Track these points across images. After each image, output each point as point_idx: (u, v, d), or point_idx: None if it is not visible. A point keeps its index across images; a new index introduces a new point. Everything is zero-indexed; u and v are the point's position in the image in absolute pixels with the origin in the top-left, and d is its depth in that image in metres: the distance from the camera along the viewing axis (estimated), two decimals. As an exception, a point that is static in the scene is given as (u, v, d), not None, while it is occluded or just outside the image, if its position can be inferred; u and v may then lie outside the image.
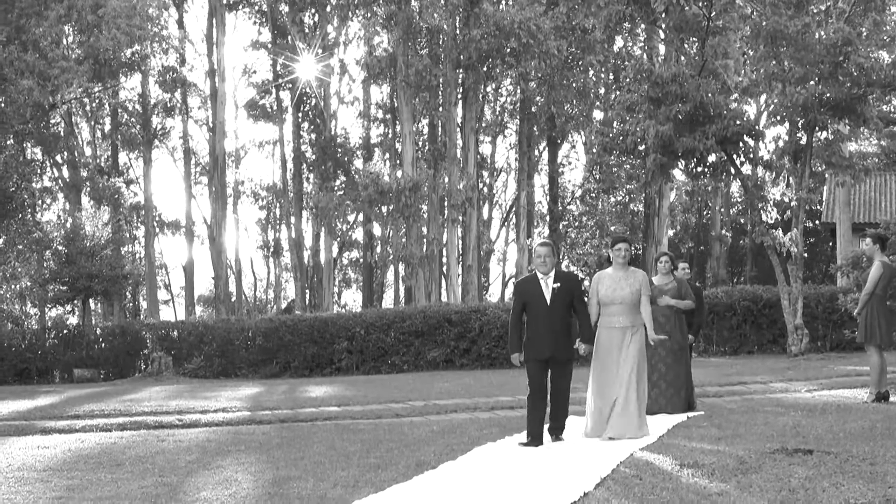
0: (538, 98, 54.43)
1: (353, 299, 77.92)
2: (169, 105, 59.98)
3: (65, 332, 37.23)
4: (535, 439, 11.58)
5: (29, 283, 39.98)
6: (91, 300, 41.92)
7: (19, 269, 36.43)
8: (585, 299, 12.32)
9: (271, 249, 73.75)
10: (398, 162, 52.77)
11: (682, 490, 8.15)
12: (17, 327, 40.79)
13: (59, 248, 38.91)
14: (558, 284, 11.83)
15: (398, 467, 10.26)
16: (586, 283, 12.78)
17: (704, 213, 66.56)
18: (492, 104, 61.80)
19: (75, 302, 40.47)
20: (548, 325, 11.74)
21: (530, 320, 11.91)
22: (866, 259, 15.76)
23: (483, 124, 60.00)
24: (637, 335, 12.28)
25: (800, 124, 28.21)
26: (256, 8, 61.56)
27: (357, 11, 56.03)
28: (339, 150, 60.53)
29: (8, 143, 35.00)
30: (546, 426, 11.87)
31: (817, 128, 27.91)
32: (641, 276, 12.48)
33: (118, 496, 9.18)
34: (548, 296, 11.79)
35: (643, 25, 50.06)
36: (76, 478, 10.49)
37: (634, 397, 12.03)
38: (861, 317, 15.13)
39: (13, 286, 38.78)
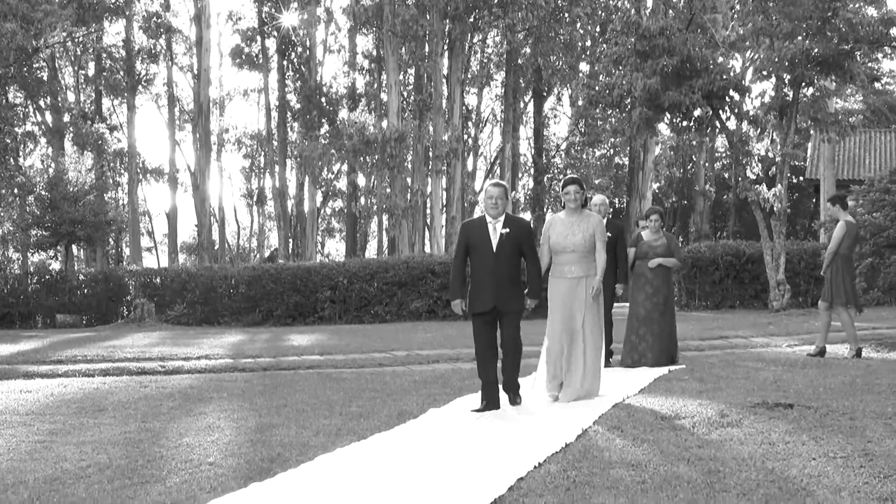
0: (525, 50, 54.31)
1: (336, 249, 78.03)
2: (153, 51, 59.45)
3: (47, 277, 37.14)
4: (489, 404, 10.67)
5: (11, 228, 39.84)
6: (74, 246, 41.79)
7: (2, 214, 36.26)
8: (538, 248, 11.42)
9: (255, 198, 73.61)
10: (383, 112, 52.63)
11: (664, 442, 8.19)
12: (0, 272, 40.62)
13: (42, 193, 38.77)
14: (507, 230, 10.78)
15: (380, 416, 10.29)
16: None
17: (689, 167, 66.66)
18: (478, 55, 61.54)
19: (58, 247, 40.36)
20: (492, 274, 10.73)
21: (474, 268, 10.94)
22: (831, 220, 15.88)
23: (469, 75, 59.81)
24: (589, 287, 11.40)
25: (786, 80, 28.17)
26: (243, -47, 61.16)
27: (344, -42, 55.68)
28: (325, 99, 60.27)
29: (-10, 86, 34.76)
30: (500, 383, 10.97)
31: (804, 83, 27.87)
32: (596, 220, 11.53)
33: (101, 441, 9.19)
34: (494, 241, 10.77)
35: (631, -23, 49.85)
36: (59, 422, 10.50)
37: (581, 353, 11.28)
38: (826, 276, 15.26)
39: (-5, 231, 38.63)
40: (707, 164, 62.08)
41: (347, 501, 6.62)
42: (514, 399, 10.94)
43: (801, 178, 48.88)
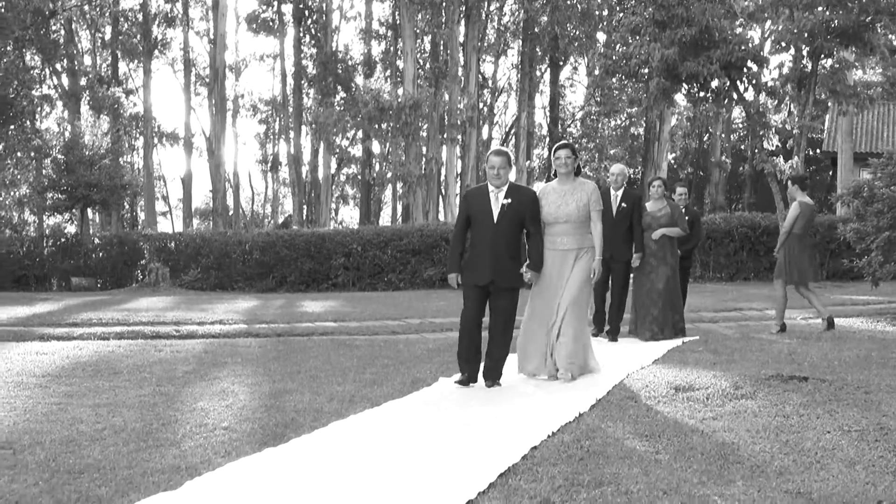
0: (541, 18, 54.07)
1: (350, 216, 78.08)
2: (170, 15, 59.48)
3: (63, 240, 37.22)
4: (470, 377, 10.24)
5: (28, 191, 39.89)
6: (89, 210, 41.87)
7: (18, 177, 36.34)
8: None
9: (269, 164, 73.65)
10: (399, 79, 52.55)
11: (677, 414, 8.19)
12: (16, 234, 40.76)
13: (58, 156, 38.79)
14: (509, 200, 10.22)
15: (394, 384, 10.31)
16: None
17: (705, 138, 66.40)
18: (494, 23, 61.37)
19: (73, 211, 40.44)
20: (491, 246, 10.19)
21: (473, 239, 10.40)
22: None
23: (485, 44, 59.66)
24: (583, 260, 10.72)
25: (805, 51, 28.05)
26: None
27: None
28: (340, 65, 60.19)
29: (8, 49, 34.67)
30: (481, 365, 10.41)
31: (823, 55, 27.75)
32: (591, 188, 10.80)
33: (116, 404, 9.23)
34: (496, 212, 10.21)
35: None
36: (75, 384, 10.55)
37: (570, 332, 10.54)
38: (779, 255, 15.27)
39: (12, 193, 38.66)
40: (723, 136, 61.88)
41: (361, 468, 6.63)
42: (493, 382, 10.29)
43: (819, 151, 48.59)
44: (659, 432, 7.47)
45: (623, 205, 14.62)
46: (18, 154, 34.26)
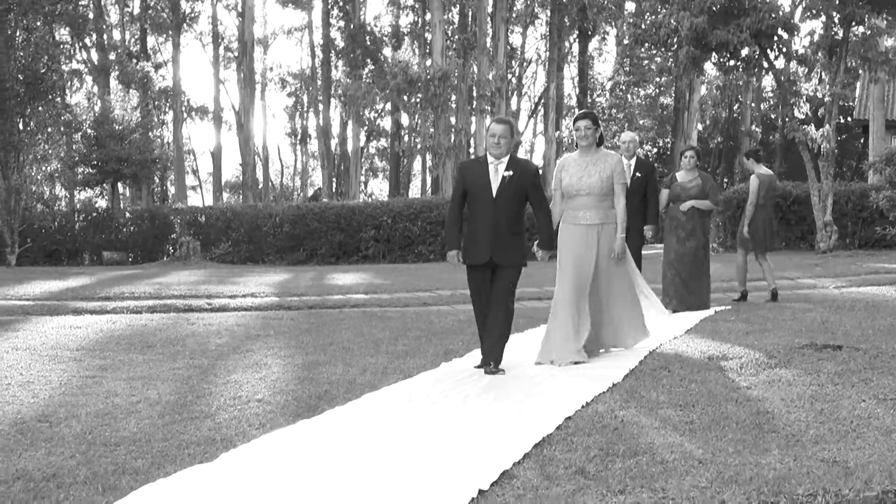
0: (570, -13, 53.78)
1: (379, 188, 78.14)
2: (198, -11, 59.56)
3: (94, 215, 37.45)
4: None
5: (58, 166, 40.07)
6: (120, 184, 42.06)
7: (49, 152, 36.48)
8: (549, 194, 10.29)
9: (298, 137, 73.77)
10: (427, 51, 52.44)
11: (711, 383, 8.17)
12: (48, 209, 40.94)
13: (89, 131, 38.94)
14: (510, 173, 9.41)
15: (426, 355, 10.32)
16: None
17: (735, 107, 65.98)
18: (523, -7, 61.15)
19: (104, 185, 40.63)
20: (490, 223, 9.38)
21: (471, 214, 9.61)
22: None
23: (513, 14, 59.42)
24: (607, 236, 10.13)
25: (836, 18, 27.78)
26: None
27: None
28: (369, 37, 60.16)
29: (38, 24, 34.78)
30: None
31: (854, 22, 27.48)
32: (615, 159, 10.18)
33: (150, 377, 9.28)
34: (495, 185, 9.41)
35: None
36: (108, 358, 10.60)
37: (605, 309, 10.26)
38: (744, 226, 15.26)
39: (43, 168, 38.82)
40: (753, 105, 61.46)
41: (395, 439, 6.65)
42: (493, 370, 9.29)
43: (850, 119, 48.27)
44: (693, 402, 7.46)
45: (637, 174, 14.20)
46: (49, 129, 34.37)
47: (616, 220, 10.13)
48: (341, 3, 61.00)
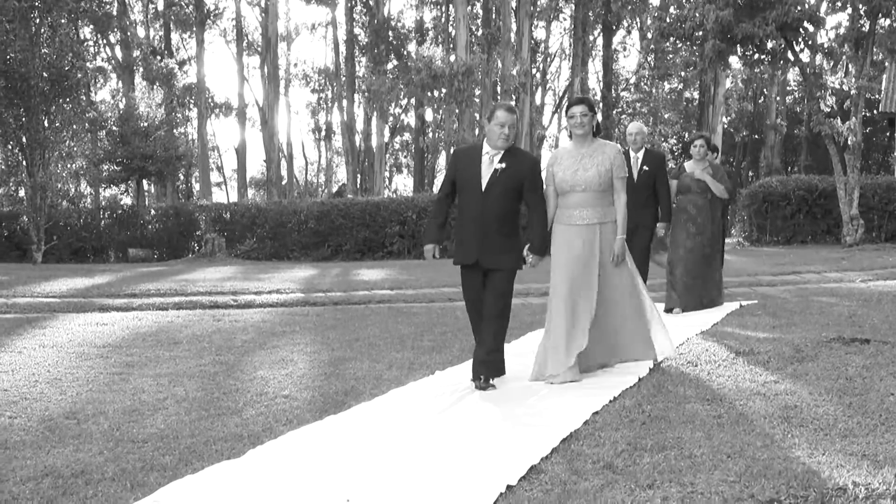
0: (594, -19, 53.66)
1: (403, 184, 78.14)
2: (222, -15, 59.75)
3: (119, 212, 37.56)
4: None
5: (83, 163, 40.21)
6: (145, 181, 42.17)
7: (74, 149, 36.59)
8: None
9: (322, 133, 73.85)
10: (451, 46, 52.41)
11: (738, 377, 8.14)
12: (73, 206, 41.15)
13: (114, 128, 39.08)
14: (503, 165, 8.36)
15: (452, 351, 10.33)
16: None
17: (760, 101, 65.71)
18: (547, -12, 61.07)
19: (129, 182, 40.78)
20: (478, 220, 8.40)
21: (460, 209, 8.63)
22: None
23: (538, 9, 59.32)
24: (606, 236, 8.80)
25: (862, 10, 27.61)
26: None
27: None
28: (392, 33, 60.17)
29: (62, 21, 34.88)
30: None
31: (880, 14, 27.31)
32: (613, 151, 8.90)
33: (177, 373, 9.31)
34: (485, 178, 8.37)
35: None
36: (135, 354, 10.64)
37: (610, 319, 8.94)
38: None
39: (68, 165, 38.94)
40: (779, 98, 61.17)
41: (422, 435, 6.65)
42: (484, 382, 8.32)
43: (876, 112, 47.97)
44: (720, 396, 7.43)
45: (645, 168, 13.31)
46: (74, 126, 34.46)
47: (616, 219, 8.85)
48: (365, -1, 61.10)
